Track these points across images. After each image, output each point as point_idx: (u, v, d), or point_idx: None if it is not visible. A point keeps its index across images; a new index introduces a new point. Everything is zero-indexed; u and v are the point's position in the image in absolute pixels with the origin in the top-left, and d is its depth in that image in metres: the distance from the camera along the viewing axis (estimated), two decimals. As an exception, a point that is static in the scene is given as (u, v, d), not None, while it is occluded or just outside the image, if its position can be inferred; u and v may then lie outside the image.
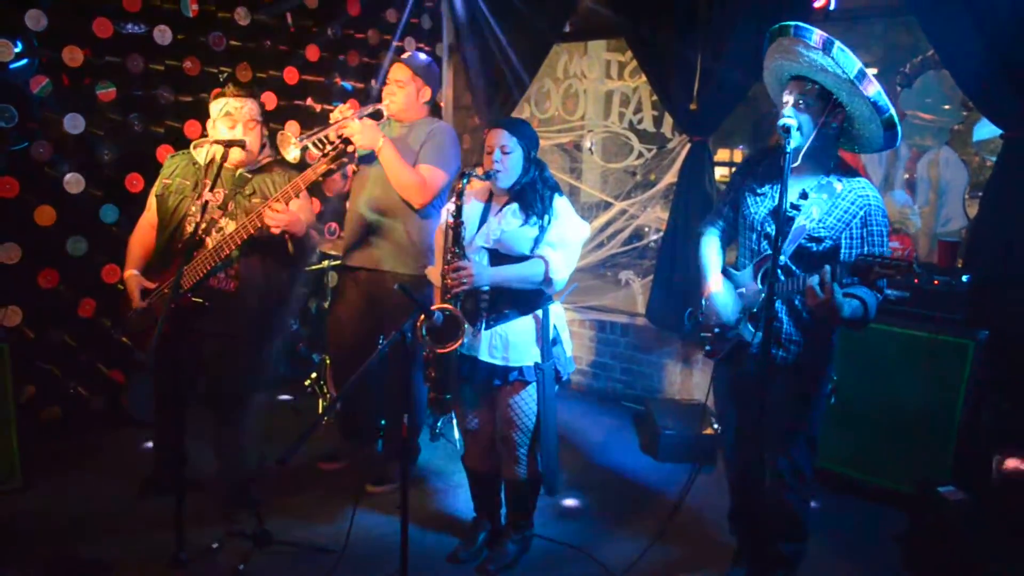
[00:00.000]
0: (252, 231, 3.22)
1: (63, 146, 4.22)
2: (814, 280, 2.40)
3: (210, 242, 3.28)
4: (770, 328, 2.49)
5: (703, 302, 2.94)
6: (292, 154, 3.50)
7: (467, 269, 2.88)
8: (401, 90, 3.71)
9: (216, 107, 3.37)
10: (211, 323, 3.33)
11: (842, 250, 2.61)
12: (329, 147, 3.16)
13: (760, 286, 2.68)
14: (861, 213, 2.60)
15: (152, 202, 3.49)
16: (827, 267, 2.40)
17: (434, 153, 3.67)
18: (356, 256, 3.84)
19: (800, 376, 2.77)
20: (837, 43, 2.45)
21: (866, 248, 2.58)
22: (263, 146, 3.49)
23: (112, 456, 4.20)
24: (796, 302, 2.70)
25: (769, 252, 2.67)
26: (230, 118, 3.33)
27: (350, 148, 3.13)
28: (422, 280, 3.60)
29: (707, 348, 2.93)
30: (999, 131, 3.69)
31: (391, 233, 3.74)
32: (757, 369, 2.57)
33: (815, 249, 2.63)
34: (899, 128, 2.55)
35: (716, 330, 2.87)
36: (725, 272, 2.92)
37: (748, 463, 2.93)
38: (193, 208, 3.34)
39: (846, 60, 2.45)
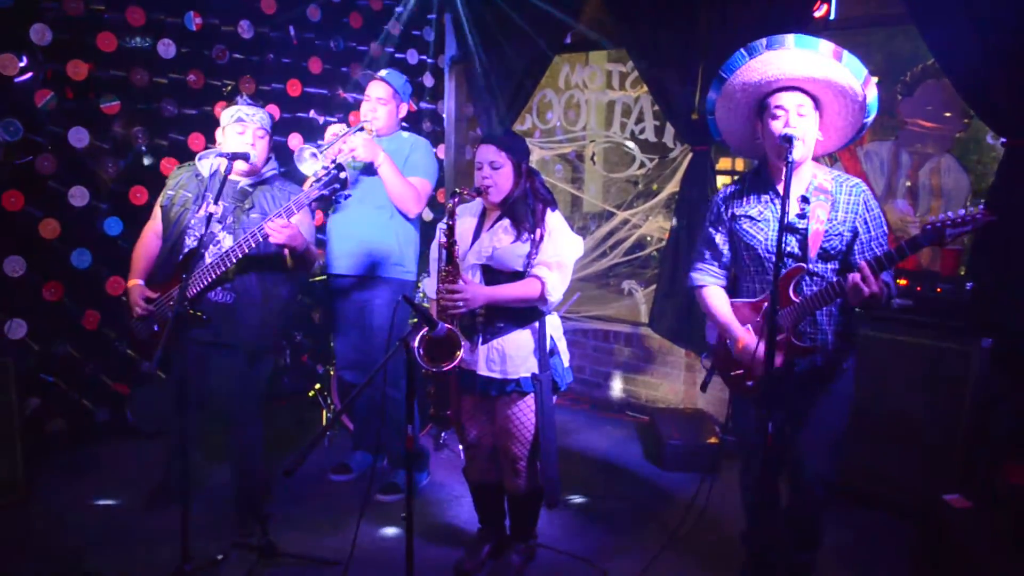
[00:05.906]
0: (253, 245, 3.22)
1: (67, 159, 4.24)
2: (856, 277, 2.47)
3: (208, 256, 3.29)
4: (773, 338, 2.48)
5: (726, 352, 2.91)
6: (311, 169, 3.54)
7: (461, 293, 2.87)
8: (384, 107, 3.90)
9: (228, 114, 3.40)
10: (211, 335, 3.34)
11: (860, 235, 2.69)
12: (323, 172, 3.21)
13: (797, 299, 2.68)
14: (861, 199, 2.69)
15: (157, 212, 3.52)
16: (863, 263, 2.49)
17: (422, 165, 3.91)
18: (345, 264, 3.92)
19: (838, 383, 2.79)
20: (844, 51, 2.52)
21: (873, 228, 2.69)
22: (268, 159, 3.51)
23: (117, 468, 4.20)
24: (834, 307, 2.71)
25: (794, 266, 2.68)
26: (241, 124, 3.36)
27: (343, 175, 3.18)
28: (409, 286, 3.93)
29: (748, 384, 2.83)
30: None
31: (381, 242, 3.86)
32: (791, 385, 2.68)
33: (837, 247, 2.69)
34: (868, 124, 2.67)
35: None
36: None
37: (770, 482, 2.86)
38: (193, 221, 3.35)
39: (856, 66, 2.53)
